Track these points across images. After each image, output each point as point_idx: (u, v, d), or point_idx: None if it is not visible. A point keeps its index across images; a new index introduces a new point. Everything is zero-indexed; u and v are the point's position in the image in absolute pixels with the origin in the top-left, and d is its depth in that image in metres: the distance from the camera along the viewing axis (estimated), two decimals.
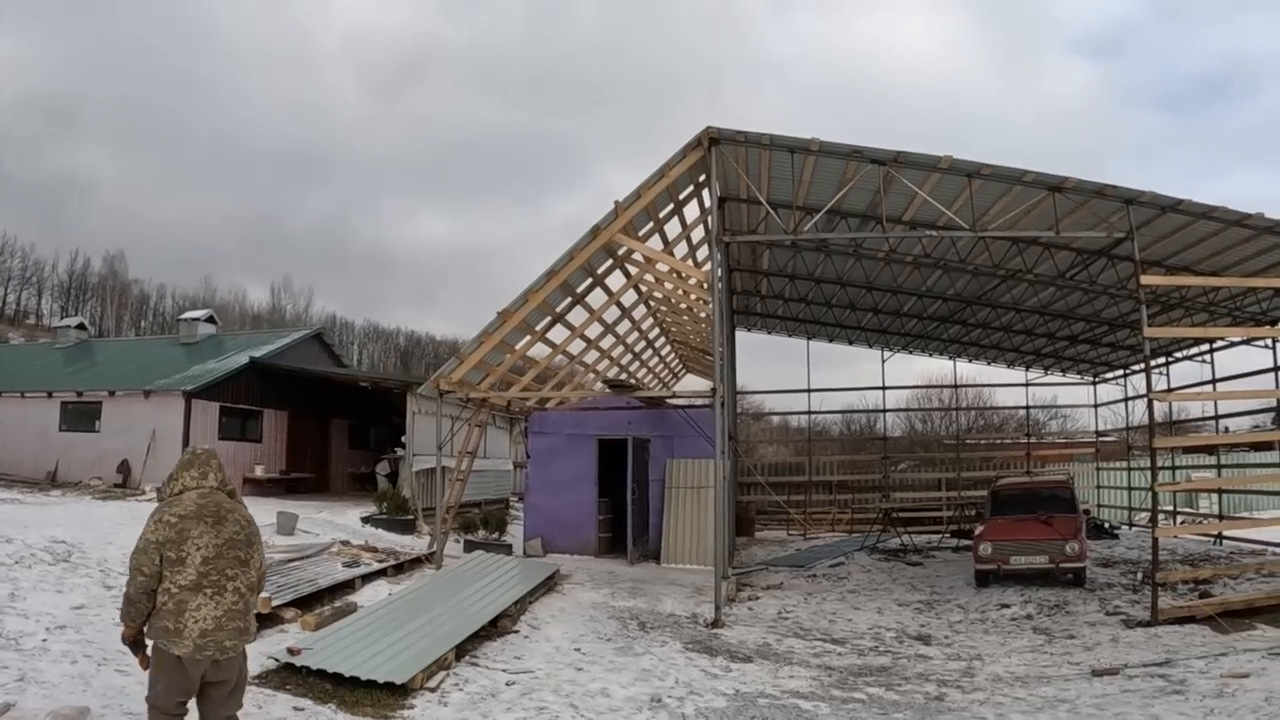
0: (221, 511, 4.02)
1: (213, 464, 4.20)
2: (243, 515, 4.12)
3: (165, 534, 3.88)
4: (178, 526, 3.90)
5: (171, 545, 3.86)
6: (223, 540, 3.94)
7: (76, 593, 8.27)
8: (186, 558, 3.85)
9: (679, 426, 15.31)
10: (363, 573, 11.29)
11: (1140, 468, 19.71)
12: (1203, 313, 14.78)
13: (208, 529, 3.92)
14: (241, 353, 19.04)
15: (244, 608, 3.98)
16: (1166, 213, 11.35)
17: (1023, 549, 12.77)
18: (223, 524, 3.98)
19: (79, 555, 9.66)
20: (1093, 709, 7.73)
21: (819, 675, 8.96)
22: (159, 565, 3.84)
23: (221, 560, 3.92)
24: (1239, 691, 7.76)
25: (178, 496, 4.04)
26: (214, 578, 3.87)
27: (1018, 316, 17.86)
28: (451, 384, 12.20)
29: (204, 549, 3.88)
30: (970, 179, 11.42)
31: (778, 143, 11.57)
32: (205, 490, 4.09)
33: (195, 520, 3.92)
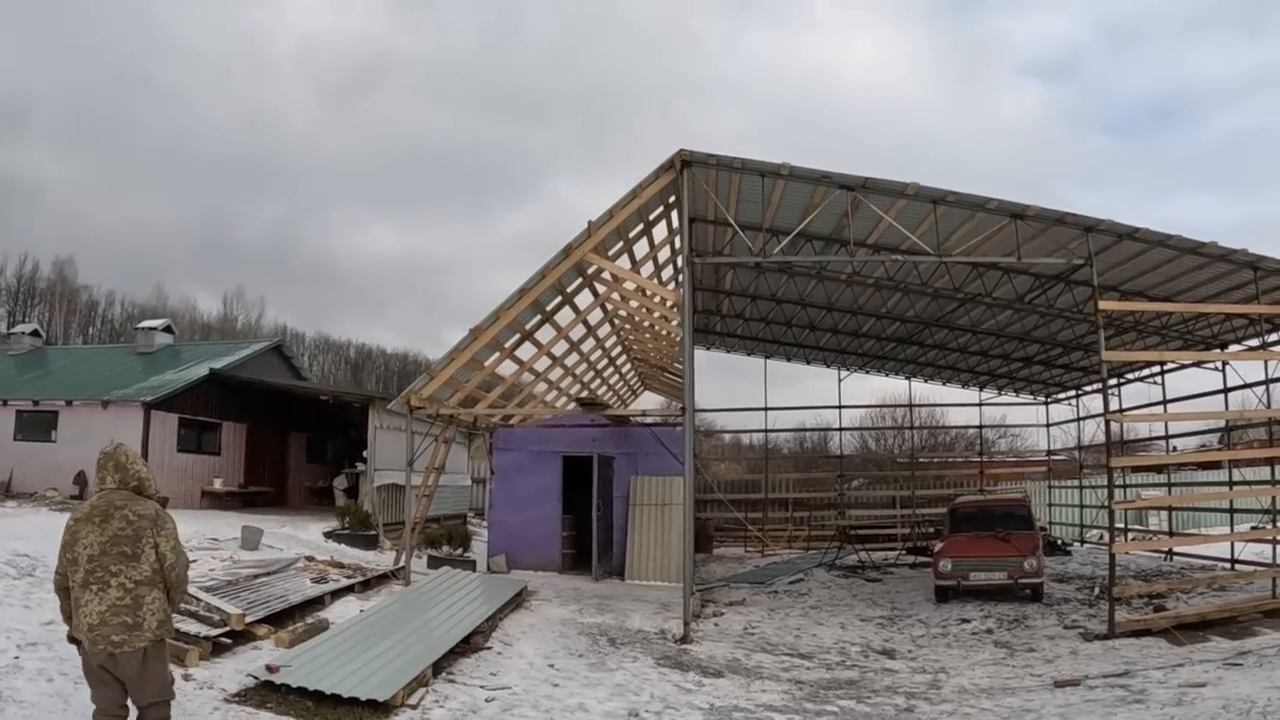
0: (110, 510, 4.09)
1: (109, 465, 4.27)
2: (135, 511, 4.13)
3: (65, 537, 4.10)
4: (72, 529, 4.09)
5: (68, 547, 4.06)
6: (107, 537, 4.02)
7: (45, 608, 7.98)
8: (78, 558, 4.01)
9: (643, 444, 15.44)
10: (332, 589, 11.16)
11: (1092, 486, 20.40)
12: (1155, 335, 15.39)
13: (94, 528, 4.03)
14: (200, 364, 18.67)
15: (131, 602, 4.02)
16: (1123, 240, 11.84)
17: (982, 565, 13.11)
18: (108, 521, 4.05)
19: (43, 569, 9.38)
20: (1057, 718, 8.00)
21: (790, 689, 9.10)
22: (66, 566, 4.09)
23: (105, 557, 4.00)
24: (1197, 700, 8.07)
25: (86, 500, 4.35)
26: (99, 574, 3.97)
27: (974, 338, 18.39)
28: (422, 400, 12.15)
29: (90, 547, 4.00)
30: (935, 205, 11.79)
31: (749, 166, 11.81)
32: (103, 491, 4.22)
33: (85, 521, 4.07)
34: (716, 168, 11.95)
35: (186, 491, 17.25)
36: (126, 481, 4.29)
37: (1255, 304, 12.01)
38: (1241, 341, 14.59)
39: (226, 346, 20.84)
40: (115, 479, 4.27)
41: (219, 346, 21.15)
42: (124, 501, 4.18)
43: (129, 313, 38.96)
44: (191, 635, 7.79)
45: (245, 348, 20.18)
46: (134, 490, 4.27)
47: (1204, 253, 11.85)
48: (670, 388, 24.45)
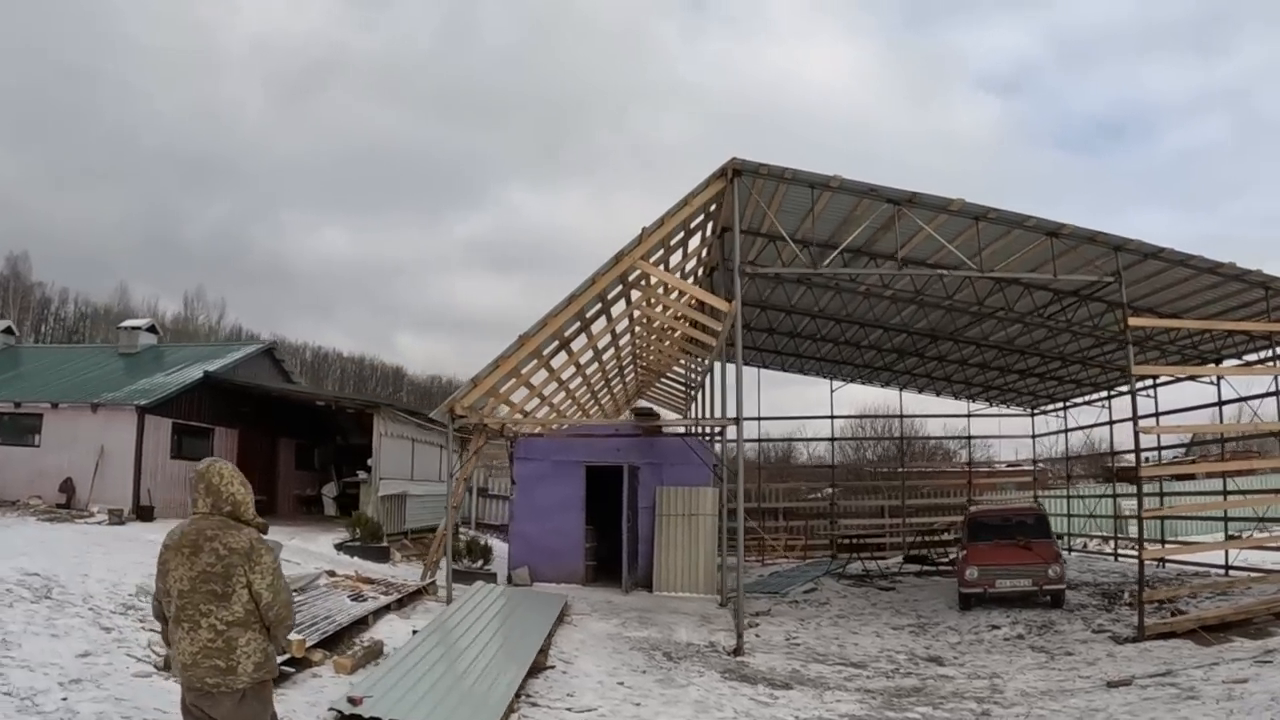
0: (200, 541, 3.68)
1: (201, 487, 3.83)
2: (225, 544, 3.69)
3: (159, 563, 3.81)
4: (162, 557, 3.77)
5: (161, 576, 3.78)
6: (195, 573, 3.65)
7: (74, 637, 7.70)
8: (170, 589, 3.70)
9: (668, 454, 15.61)
10: (374, 608, 10.96)
11: (1080, 495, 21.35)
12: (1155, 350, 16.25)
13: (183, 560, 3.67)
14: (190, 366, 18.09)
15: (223, 645, 3.66)
16: (1147, 259, 12.51)
17: (1007, 573, 13.64)
18: (197, 554, 3.66)
19: (59, 590, 9.05)
20: (1127, 715, 8.44)
21: (862, 699, 9.36)
22: (160, 594, 3.82)
23: (195, 594, 3.65)
24: (1245, 695, 8.62)
25: (177, 525, 3.87)
26: (189, 612, 3.65)
27: (977, 350, 19.09)
28: (465, 409, 12.09)
29: (180, 581, 3.67)
30: (977, 221, 12.28)
31: (800, 178, 12.13)
32: (196, 517, 3.81)
33: (174, 551, 3.71)
34: (766, 177, 12.22)
35: (179, 500, 16.69)
36: (219, 506, 3.79)
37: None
38: (1241, 357, 15.50)
39: (215, 349, 20.21)
40: (208, 503, 3.79)
41: (207, 348, 20.49)
42: (215, 531, 3.72)
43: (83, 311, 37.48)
44: None
45: (237, 350, 19.62)
46: (229, 515, 3.80)
47: (1220, 272, 12.59)
48: (663, 396, 24.70)
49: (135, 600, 9.38)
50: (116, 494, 15.54)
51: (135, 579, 10.51)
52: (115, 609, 8.89)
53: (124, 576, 10.45)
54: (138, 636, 8.12)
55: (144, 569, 11.42)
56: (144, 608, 9.24)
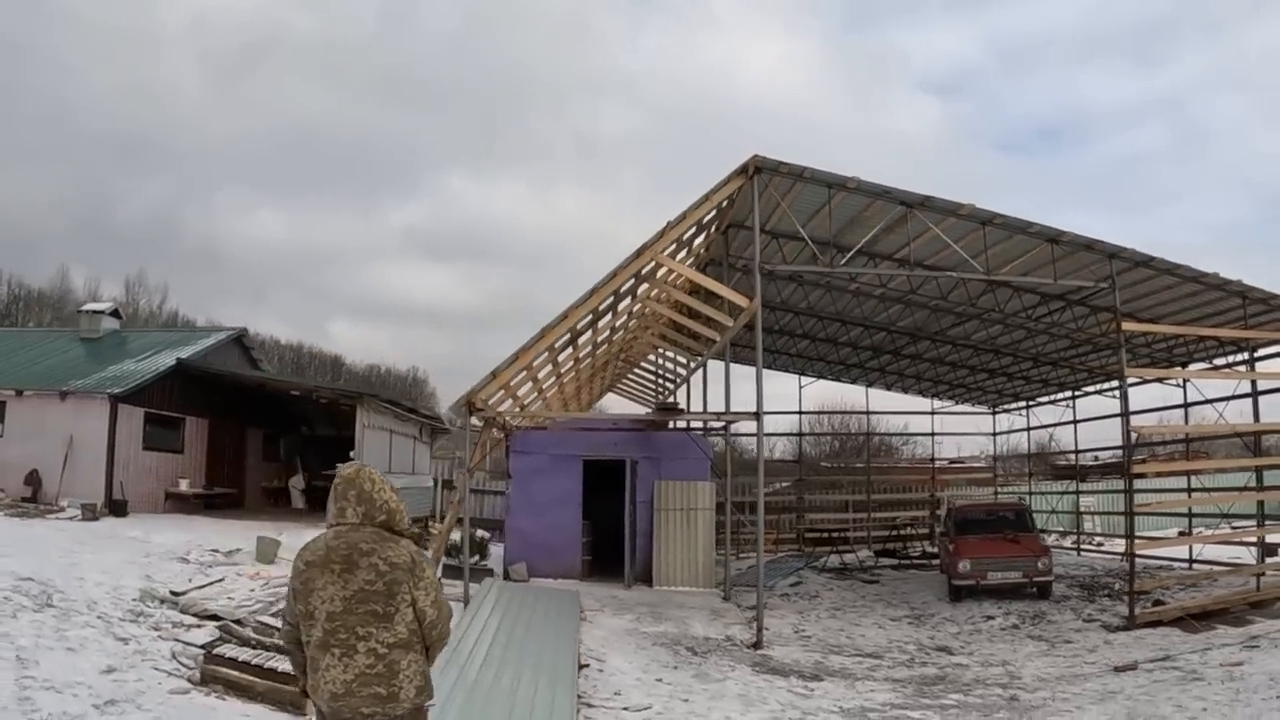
0: (354, 556, 3.35)
1: (350, 494, 3.47)
2: (386, 558, 3.39)
3: (295, 583, 3.41)
4: (304, 575, 3.36)
5: (300, 597, 3.37)
6: (351, 592, 3.32)
7: (92, 650, 7.37)
8: (314, 611, 3.33)
9: (666, 448, 15.84)
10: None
11: (1044, 492, 22.47)
12: (1128, 353, 17.21)
13: (333, 579, 3.32)
14: (160, 353, 17.41)
15: (385, 670, 3.35)
16: (1138, 267, 13.31)
17: (999, 565, 14.33)
18: (353, 571, 3.33)
19: (60, 596, 8.70)
20: (1145, 696, 9.09)
21: (894, 688, 9.80)
22: (297, 614, 3.41)
23: (350, 616, 3.31)
24: (1244, 676, 9.39)
25: (317, 536, 3.50)
26: (342, 636, 3.30)
27: (953, 349, 19.88)
28: (484, 402, 12.08)
29: (330, 603, 3.31)
30: (984, 225, 12.86)
31: (818, 177, 12.50)
32: (343, 528, 3.44)
33: (321, 568, 3.34)
34: (785, 175, 12.54)
35: (150, 493, 16.18)
36: (373, 515, 3.46)
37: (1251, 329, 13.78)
38: (1211, 361, 16.57)
39: (184, 335, 19.46)
40: (358, 511, 3.45)
41: (174, 334, 19.69)
42: (371, 544, 3.39)
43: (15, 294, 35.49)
44: (289, 674, 7.21)
45: (208, 337, 18.96)
46: (382, 526, 3.47)
47: (1204, 281, 13.49)
48: (634, 389, 24.90)
49: (143, 606, 9.12)
50: (87, 487, 14.95)
51: (133, 581, 10.22)
52: (124, 616, 8.63)
53: (120, 579, 10.11)
54: (158, 647, 7.90)
55: (138, 570, 11.06)
56: (153, 614, 8.88)
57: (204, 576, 11.17)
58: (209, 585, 10.52)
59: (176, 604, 9.34)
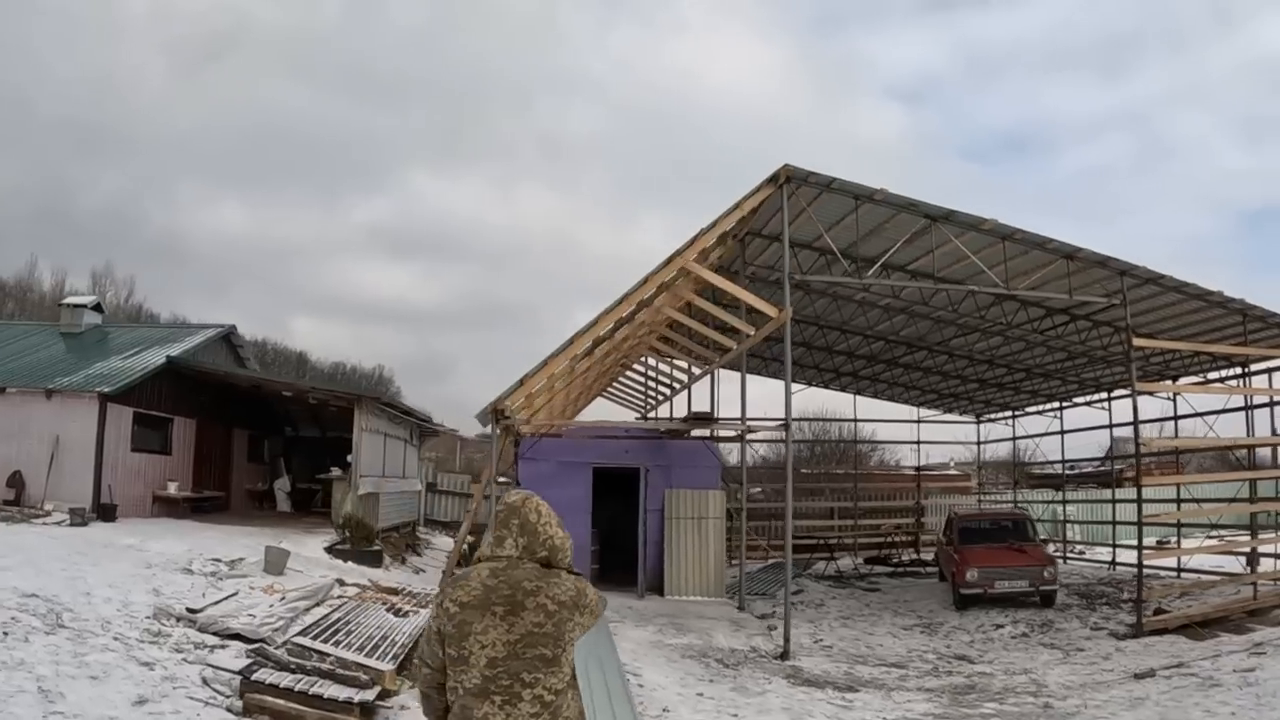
0: (519, 596, 3.07)
1: (514, 524, 3.22)
2: (553, 597, 3.12)
3: (445, 624, 3.10)
4: (457, 618, 3.06)
5: (452, 641, 3.06)
6: (517, 636, 3.05)
7: (116, 677, 6.92)
8: (470, 656, 3.04)
9: (677, 456, 16.01)
10: (422, 624, 10.79)
11: (1029, 500, 23.19)
12: (1119, 366, 17.95)
13: (495, 622, 3.04)
14: (147, 350, 16.98)
15: (550, 717, 3.11)
16: (1146, 283, 13.88)
17: (1006, 574, 14.82)
18: (518, 613, 3.05)
19: (70, 615, 8.22)
20: (1172, 702, 9.58)
21: (929, 698, 10.11)
22: (443, 657, 3.12)
23: (516, 662, 3.04)
24: (1259, 681, 9.95)
25: (468, 571, 3.18)
26: (504, 682, 3.03)
27: (949, 359, 20.44)
28: (514, 409, 12.12)
29: (491, 648, 3.03)
30: (1004, 240, 13.31)
31: (846, 188, 12.80)
32: (500, 564, 3.15)
33: (479, 610, 3.05)
34: (813, 185, 12.81)
35: (138, 497, 15.79)
36: (533, 549, 3.20)
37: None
38: (1204, 375, 17.32)
39: (170, 330, 18.98)
40: (519, 544, 3.19)
41: (159, 330, 19.18)
42: (536, 582, 3.11)
43: None
44: (340, 701, 7.08)
45: (196, 334, 18.51)
46: (540, 562, 3.20)
47: (1207, 299, 14.13)
48: (622, 395, 25.05)
49: (159, 625, 8.74)
50: (74, 490, 14.54)
51: (142, 596, 9.65)
52: (141, 636, 8.21)
53: (129, 594, 9.68)
54: (186, 672, 7.52)
55: (144, 583, 10.47)
56: (171, 633, 8.48)
57: (216, 590, 10.73)
58: (224, 600, 10.00)
59: (194, 622, 8.91)
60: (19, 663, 6.55)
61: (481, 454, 46.50)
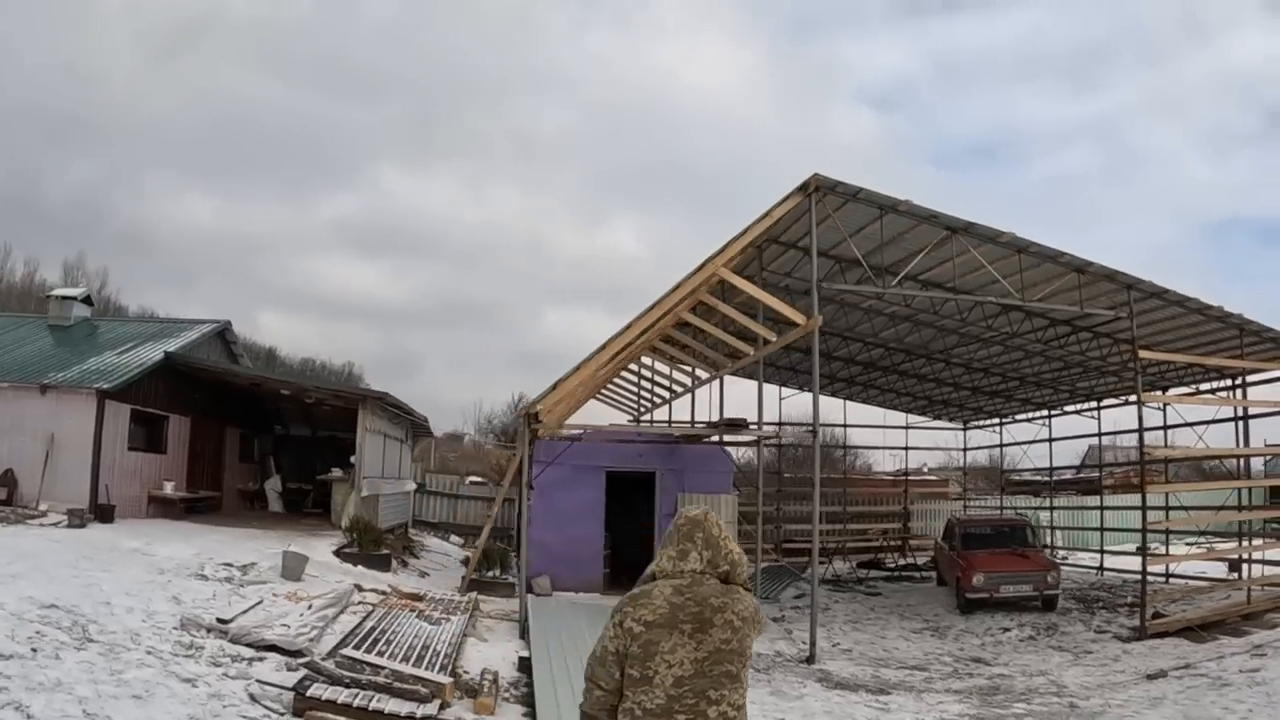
0: (705, 614, 3.07)
1: (698, 538, 3.21)
2: (738, 613, 3.14)
3: (627, 644, 3.08)
4: (643, 637, 3.04)
5: (635, 660, 3.04)
6: (704, 654, 3.05)
7: (160, 697, 6.65)
8: (654, 677, 3.02)
9: (689, 460, 16.29)
10: (457, 632, 10.66)
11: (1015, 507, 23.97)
12: (1112, 376, 18.71)
13: (683, 640, 3.04)
14: (142, 345, 16.67)
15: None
16: (1150, 297, 14.52)
17: (1012, 579, 15.38)
18: (706, 630, 3.06)
19: (96, 628, 8.03)
20: (1189, 700, 10.14)
21: (959, 699, 10.52)
22: (619, 679, 3.10)
23: (703, 679, 3.03)
24: (1266, 680, 10.59)
25: (648, 589, 3.16)
26: (689, 701, 3.02)
27: (945, 367, 21.04)
28: (548, 413, 12.27)
29: (677, 666, 3.03)
30: (1019, 253, 13.83)
31: (872, 198, 13.19)
32: (684, 580, 3.14)
33: (666, 629, 3.05)
34: (840, 195, 13.17)
35: (133, 497, 15.55)
36: (716, 564, 3.20)
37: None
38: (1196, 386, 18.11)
39: (163, 325, 18.57)
40: (703, 558, 3.18)
41: (153, 325, 18.76)
42: (721, 599, 3.13)
43: None
44: (402, 717, 7.05)
45: (190, 330, 18.19)
46: (721, 578, 3.20)
47: (1207, 314, 14.83)
48: (613, 398, 25.18)
49: (190, 636, 8.53)
50: (71, 490, 14.28)
51: (164, 605, 9.48)
52: (174, 650, 8.00)
53: (150, 603, 9.48)
54: (230, 689, 7.36)
55: (162, 591, 10.21)
56: (204, 645, 8.30)
57: (240, 598, 10.44)
58: (251, 610, 9.82)
59: (225, 633, 8.74)
60: (56, 684, 6.29)
61: (455, 453, 46.51)
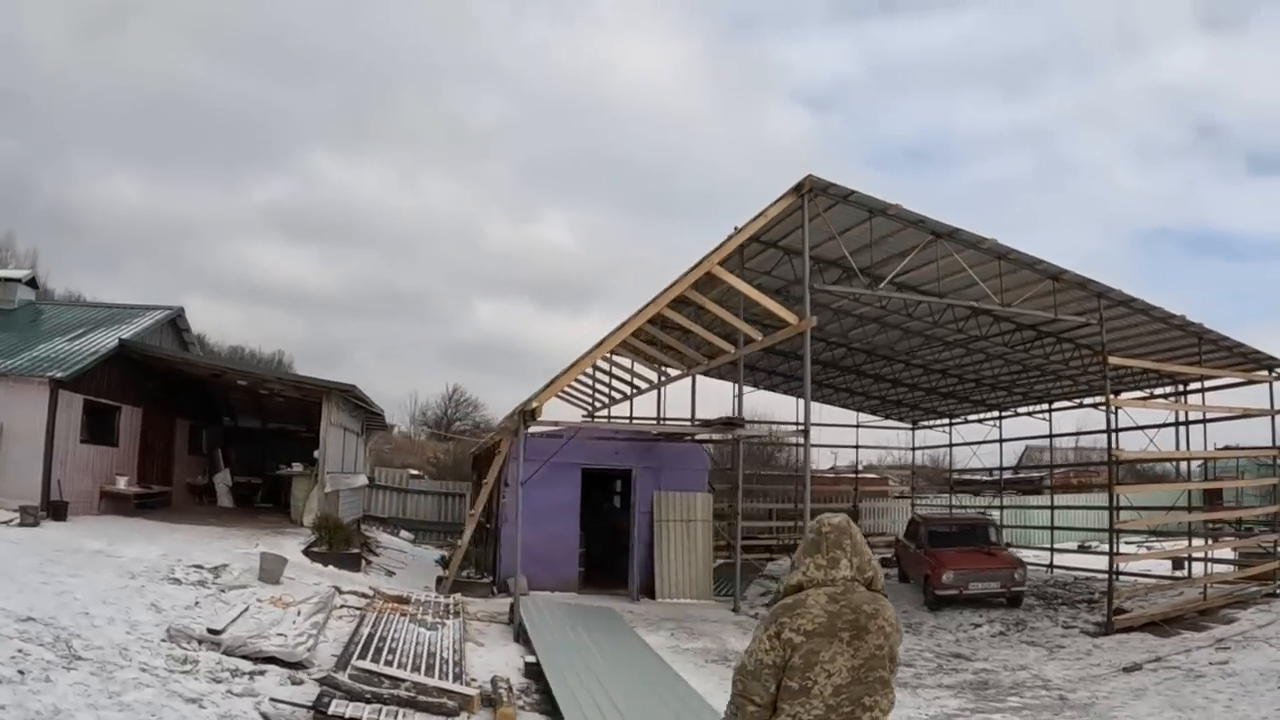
0: (861, 620, 3.11)
1: (846, 544, 3.24)
2: (887, 619, 3.20)
3: (783, 656, 3.09)
4: (803, 649, 3.06)
5: (794, 672, 3.06)
6: (861, 660, 3.09)
7: (180, 714, 6.27)
8: (813, 686, 3.04)
9: (665, 458, 16.38)
10: (457, 637, 10.38)
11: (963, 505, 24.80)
12: (1068, 381, 19.55)
13: (843, 648, 3.08)
14: (94, 331, 15.79)
15: None
16: (1117, 305, 15.23)
17: (980, 576, 15.94)
18: (863, 637, 3.10)
19: (80, 642, 7.43)
20: (1171, 691, 10.72)
21: (954, 694, 10.95)
22: (774, 692, 3.11)
23: (859, 686, 3.07)
24: (1236, 672, 11.29)
25: (800, 598, 3.17)
26: (846, 709, 3.07)
27: (905, 368, 21.65)
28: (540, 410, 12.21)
29: (836, 675, 3.06)
30: (999, 259, 14.34)
31: (863, 201, 13.52)
32: (837, 587, 3.17)
33: (826, 638, 3.07)
34: (831, 196, 13.45)
35: (85, 492, 14.80)
36: (864, 570, 3.25)
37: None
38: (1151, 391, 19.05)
39: (112, 311, 17.46)
40: (853, 565, 3.22)
41: (101, 311, 17.58)
42: (872, 605, 3.18)
43: None
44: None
45: (141, 315, 17.25)
46: (866, 584, 3.25)
47: (1170, 322, 15.62)
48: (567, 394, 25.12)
49: (181, 649, 8.02)
50: (21, 486, 13.51)
51: (144, 614, 8.92)
52: (169, 666, 7.47)
53: (130, 612, 8.92)
54: (238, 707, 6.98)
55: (138, 597, 9.66)
56: (198, 658, 7.85)
57: (223, 604, 9.89)
58: (239, 618, 9.27)
59: (218, 644, 8.22)
60: (55, 711, 5.75)
61: (390, 445, 45.59)
